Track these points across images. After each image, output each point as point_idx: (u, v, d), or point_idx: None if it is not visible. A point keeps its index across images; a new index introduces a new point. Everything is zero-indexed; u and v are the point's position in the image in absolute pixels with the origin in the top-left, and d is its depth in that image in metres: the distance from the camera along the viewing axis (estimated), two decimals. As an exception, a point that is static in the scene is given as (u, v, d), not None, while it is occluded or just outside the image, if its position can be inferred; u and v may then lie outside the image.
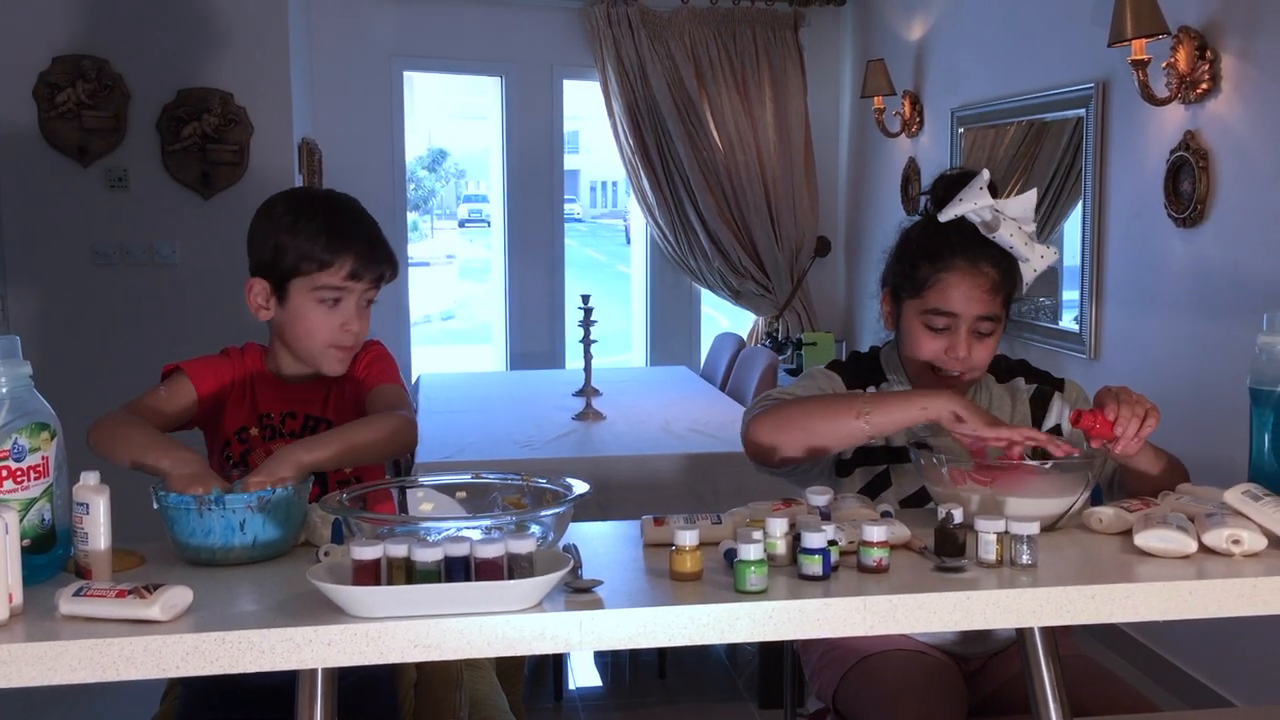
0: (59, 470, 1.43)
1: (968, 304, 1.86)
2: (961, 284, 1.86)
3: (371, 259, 1.93)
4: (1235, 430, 1.76)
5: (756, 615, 1.32)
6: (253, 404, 1.99)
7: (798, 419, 1.81)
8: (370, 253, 1.94)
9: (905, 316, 1.94)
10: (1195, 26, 3.26)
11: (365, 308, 1.96)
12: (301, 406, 1.97)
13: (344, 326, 1.92)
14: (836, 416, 1.77)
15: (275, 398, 1.98)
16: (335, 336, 1.93)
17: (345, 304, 1.92)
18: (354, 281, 1.92)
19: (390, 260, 1.98)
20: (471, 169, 24.65)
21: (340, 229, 1.94)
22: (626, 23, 5.70)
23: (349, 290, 1.92)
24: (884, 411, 1.74)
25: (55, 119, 4.31)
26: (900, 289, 1.94)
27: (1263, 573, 1.43)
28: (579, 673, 3.71)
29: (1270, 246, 3.07)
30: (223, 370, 2.00)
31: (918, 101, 5.29)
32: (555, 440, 3.79)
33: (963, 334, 1.87)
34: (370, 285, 1.95)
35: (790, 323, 6.05)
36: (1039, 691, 1.58)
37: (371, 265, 1.93)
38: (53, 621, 1.27)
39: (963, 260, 1.86)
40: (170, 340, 4.38)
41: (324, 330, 1.92)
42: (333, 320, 1.92)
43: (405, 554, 1.29)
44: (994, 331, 1.90)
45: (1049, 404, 2.02)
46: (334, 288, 1.91)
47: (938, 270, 1.87)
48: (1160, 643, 3.57)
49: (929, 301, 1.88)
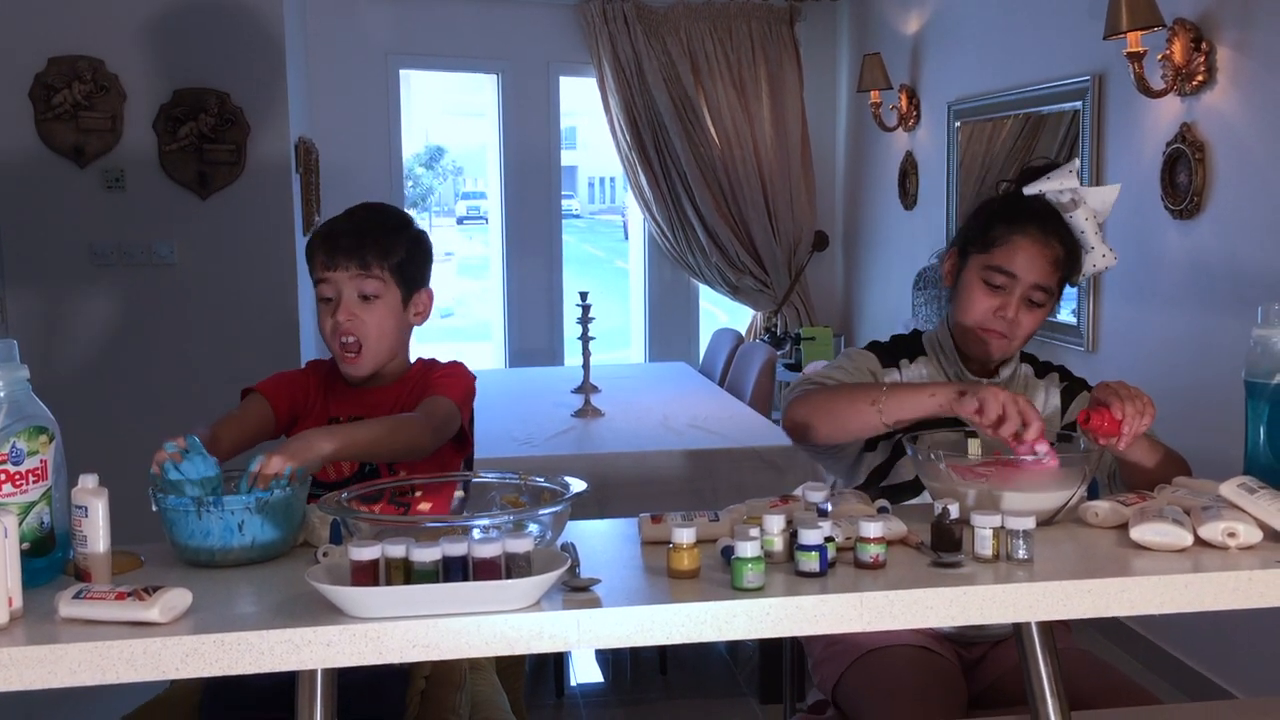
0: (58, 473, 1.43)
1: (1029, 269, 1.93)
2: (1030, 249, 1.93)
3: (344, 244, 1.95)
4: (1232, 423, 1.77)
5: (754, 612, 1.32)
6: (325, 409, 2.03)
7: (825, 406, 1.87)
8: (344, 238, 1.96)
9: (967, 271, 2.00)
10: (1190, 19, 3.26)
11: (365, 301, 1.96)
12: (370, 410, 1.98)
13: (337, 317, 1.95)
14: (855, 406, 1.82)
15: (346, 402, 2.02)
16: (334, 327, 1.97)
17: (339, 297, 1.96)
18: (331, 271, 1.95)
19: (376, 245, 1.97)
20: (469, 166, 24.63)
21: (331, 223, 1.99)
22: (622, 19, 5.69)
23: (332, 281, 1.96)
24: (897, 401, 1.78)
25: (52, 120, 4.31)
26: (970, 244, 2.00)
27: (1258, 565, 1.43)
28: (580, 669, 3.72)
29: (1267, 238, 3.07)
30: (296, 383, 2.06)
31: (914, 95, 5.29)
32: (554, 437, 3.79)
33: (1016, 296, 1.94)
34: (356, 272, 1.95)
35: (789, 317, 6.05)
36: (1037, 686, 1.59)
37: (345, 250, 1.95)
38: (52, 624, 1.27)
39: (1035, 228, 1.93)
40: (169, 341, 4.39)
41: (326, 325, 1.98)
42: (329, 314, 1.97)
43: (403, 554, 1.30)
44: (1044, 304, 1.97)
45: (1075, 398, 2.07)
46: (319, 280, 1.97)
47: (1011, 231, 1.94)
48: (1160, 635, 3.58)
49: (994, 258, 1.94)
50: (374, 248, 1.97)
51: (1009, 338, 1.97)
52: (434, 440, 1.86)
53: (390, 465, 1.96)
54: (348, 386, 2.04)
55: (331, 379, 2.07)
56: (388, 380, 2.04)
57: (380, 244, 1.98)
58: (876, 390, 1.81)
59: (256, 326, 4.43)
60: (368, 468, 1.97)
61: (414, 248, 2.04)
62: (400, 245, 2.01)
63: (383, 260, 1.97)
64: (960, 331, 2.02)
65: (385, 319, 1.99)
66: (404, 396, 2.02)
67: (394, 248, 2.00)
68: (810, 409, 1.88)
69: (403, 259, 2.00)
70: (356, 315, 1.96)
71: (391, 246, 1.99)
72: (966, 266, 2.00)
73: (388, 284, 1.98)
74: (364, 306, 1.97)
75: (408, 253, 2.02)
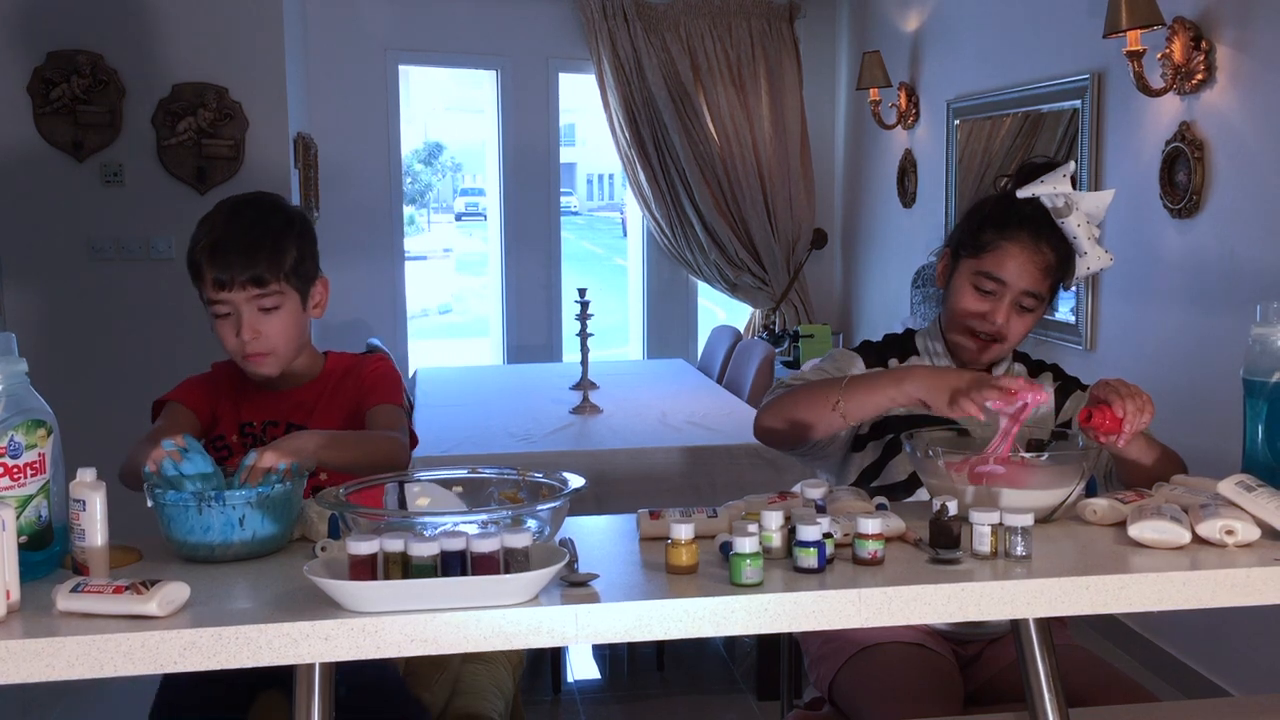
0: (55, 467, 1.43)
1: (1019, 275, 1.93)
2: (1019, 256, 1.92)
3: (233, 262, 1.84)
4: (1230, 421, 1.77)
5: (752, 608, 1.32)
6: (236, 413, 1.98)
7: (788, 411, 1.88)
8: (232, 256, 1.85)
9: (958, 275, 2.00)
10: (1190, 17, 3.26)
11: (266, 314, 1.88)
12: (290, 412, 1.96)
13: (241, 335, 1.88)
14: (816, 407, 1.84)
15: (260, 406, 1.97)
16: (238, 345, 1.89)
17: (237, 315, 1.88)
18: (226, 292, 1.86)
19: (268, 258, 1.87)
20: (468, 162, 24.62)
21: (213, 238, 1.88)
22: (622, 15, 5.69)
23: (228, 302, 1.87)
24: (857, 399, 1.80)
25: (50, 114, 4.30)
26: (962, 247, 2.00)
27: (1256, 563, 1.43)
28: (577, 665, 3.72)
29: (1265, 237, 3.07)
30: (206, 385, 2.00)
31: (913, 93, 5.29)
32: (553, 434, 3.79)
33: (1006, 302, 1.94)
34: (252, 293, 1.86)
35: (787, 315, 6.05)
36: (1034, 682, 1.59)
37: (235, 268, 1.84)
38: (50, 618, 1.27)
39: (1026, 234, 1.93)
40: (167, 335, 4.38)
41: (230, 342, 1.90)
42: (231, 331, 1.89)
43: (401, 549, 1.30)
44: (1035, 309, 1.97)
45: (1069, 396, 2.07)
46: (212, 300, 1.88)
47: (1001, 237, 1.94)
48: (1157, 633, 3.58)
49: (984, 264, 1.94)
50: (266, 260, 1.87)
51: (999, 341, 1.97)
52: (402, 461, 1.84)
53: None
54: (258, 389, 1.98)
55: (239, 383, 2.00)
56: (300, 380, 1.99)
57: (272, 254, 1.88)
58: (836, 390, 1.81)
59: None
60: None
61: (302, 243, 1.94)
62: (291, 246, 1.91)
63: (276, 271, 1.88)
64: (951, 332, 2.03)
65: (289, 325, 1.91)
66: (326, 394, 1.98)
67: (285, 252, 1.90)
68: (777, 411, 1.89)
69: (295, 260, 1.91)
70: (260, 331, 1.89)
71: (283, 252, 1.89)
72: (958, 269, 2.00)
73: (286, 292, 1.90)
74: (265, 319, 1.89)
75: (299, 251, 1.92)
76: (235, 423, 1.97)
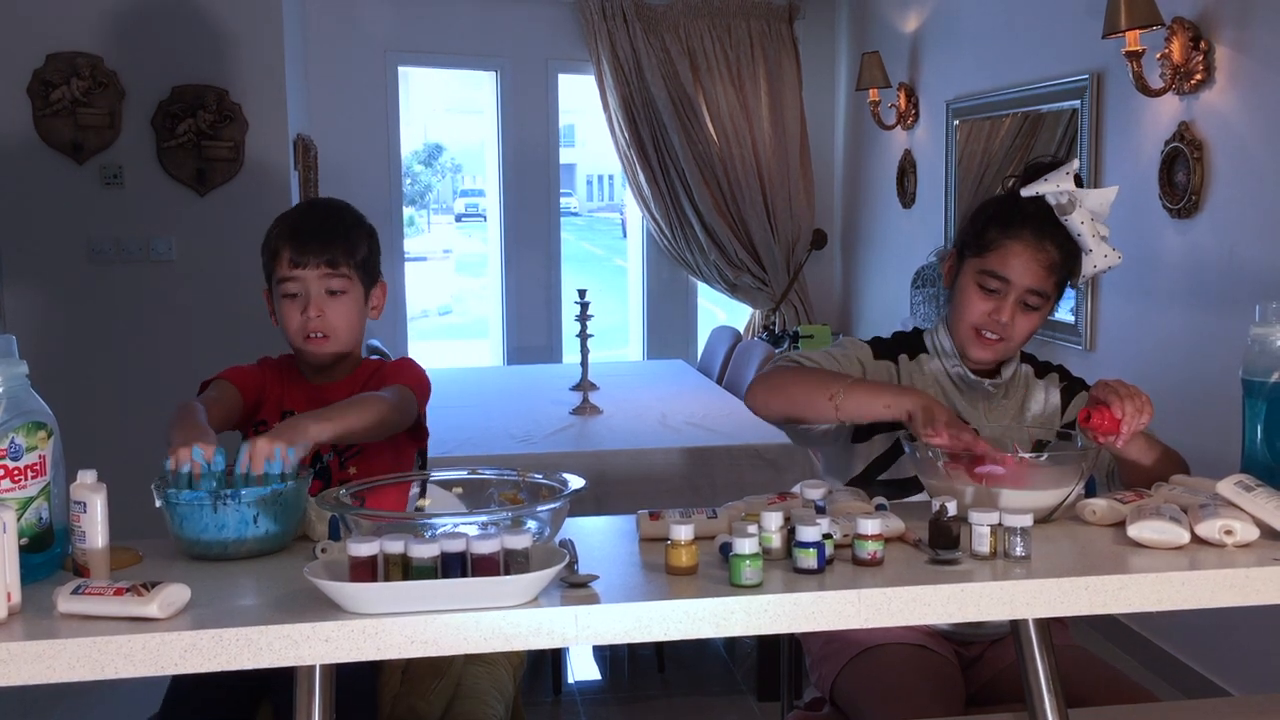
0: (56, 469, 1.43)
1: (1023, 274, 1.93)
2: (1023, 254, 1.93)
3: (311, 243, 1.97)
4: (1229, 421, 1.77)
5: (752, 609, 1.33)
6: (280, 403, 2.05)
7: (785, 388, 1.88)
8: (311, 238, 1.98)
9: (963, 274, 2.00)
10: (1189, 17, 3.26)
11: (332, 297, 1.99)
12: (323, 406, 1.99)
13: (306, 313, 1.98)
14: (813, 394, 1.84)
15: (302, 398, 2.04)
16: (303, 326, 1.99)
17: (306, 294, 1.99)
18: (299, 269, 1.98)
19: (343, 244, 2.00)
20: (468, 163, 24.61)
21: (292, 222, 2.02)
22: (621, 16, 5.69)
23: (299, 279, 1.98)
24: (855, 399, 1.80)
25: (50, 116, 4.30)
26: (966, 247, 2.00)
27: (1255, 563, 1.43)
28: (578, 666, 3.72)
29: (1264, 237, 3.07)
30: (255, 373, 2.08)
31: (913, 94, 5.29)
32: (553, 435, 3.79)
33: (1011, 301, 1.94)
34: (324, 271, 1.98)
35: (787, 316, 6.05)
36: (1034, 683, 1.59)
37: (312, 249, 1.97)
38: (51, 620, 1.27)
39: (1030, 233, 1.93)
40: (168, 337, 4.39)
41: (294, 322, 2.01)
42: (297, 311, 1.99)
43: (402, 550, 1.30)
44: (1040, 307, 1.97)
45: (1074, 397, 2.07)
46: (284, 278, 1.99)
47: (1005, 236, 1.94)
48: (1157, 633, 3.58)
49: (989, 263, 1.95)
50: (341, 245, 2.01)
51: (1005, 340, 1.97)
52: (402, 420, 1.92)
53: (342, 460, 2.01)
54: (301, 382, 2.07)
55: (285, 374, 2.09)
56: (339, 376, 2.07)
57: (346, 241, 2.02)
58: (839, 385, 1.81)
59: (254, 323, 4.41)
60: (319, 463, 2.00)
61: (372, 242, 2.09)
62: (363, 242, 2.06)
63: (349, 258, 2.02)
64: (957, 332, 2.03)
65: (351, 313, 2.03)
66: (355, 392, 2.02)
67: (358, 245, 2.04)
68: (772, 385, 1.90)
69: (365, 255, 2.05)
70: (325, 312, 1.99)
71: (356, 244, 2.04)
72: (963, 269, 2.01)
73: (353, 280, 2.03)
74: (331, 302, 2.00)
75: (369, 249, 2.07)
76: (279, 410, 2.04)
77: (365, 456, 2.02)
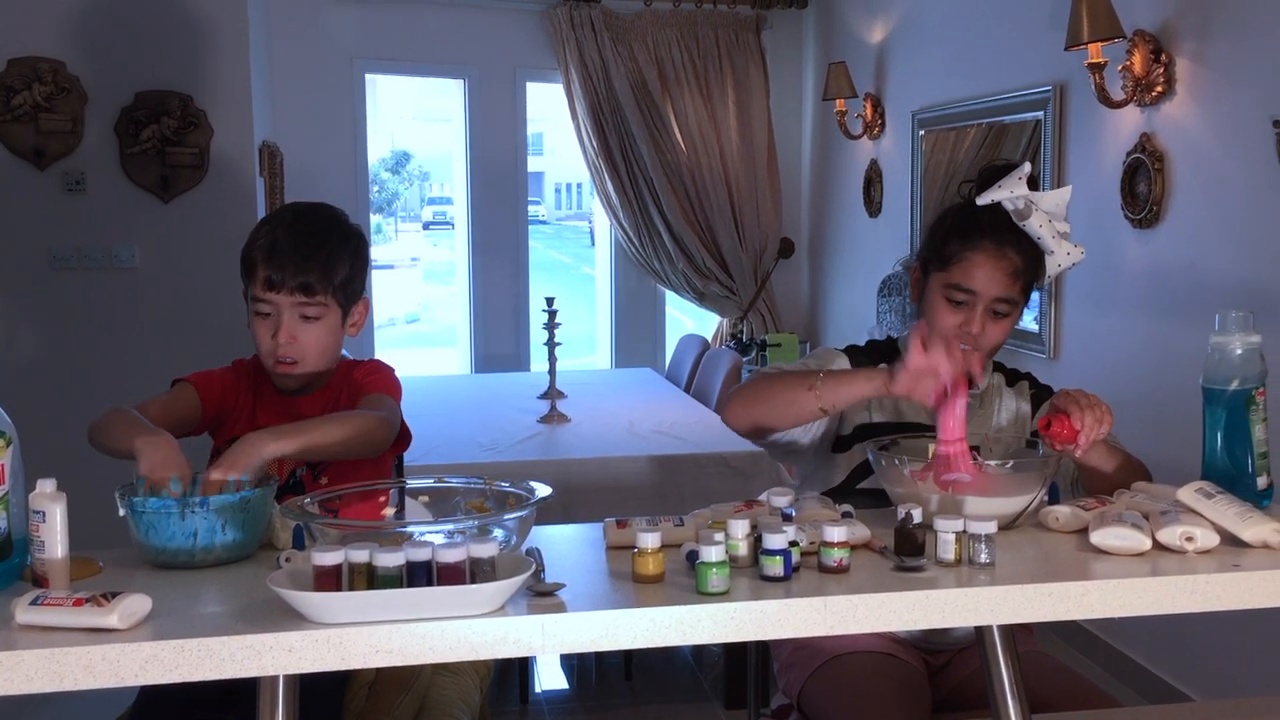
0: (15, 478, 1.41)
1: (988, 284, 1.94)
2: (985, 264, 1.93)
3: (287, 266, 1.89)
4: (1190, 429, 1.79)
5: (718, 616, 1.33)
6: (252, 415, 2.00)
7: (764, 391, 1.88)
8: (287, 260, 1.90)
9: (930, 289, 2.01)
10: (1150, 30, 3.30)
11: (305, 322, 1.92)
12: (297, 418, 1.95)
13: (276, 337, 1.92)
14: (793, 388, 1.83)
15: (274, 409, 1.99)
16: (272, 350, 1.93)
17: (278, 317, 1.92)
18: (274, 293, 1.91)
19: (321, 269, 1.91)
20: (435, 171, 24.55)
21: (272, 239, 1.93)
22: (589, 25, 5.70)
23: (272, 303, 1.91)
24: (833, 387, 1.79)
25: (11, 122, 4.25)
26: (930, 262, 2.01)
27: (1215, 569, 1.45)
28: (545, 675, 3.71)
29: (1224, 247, 3.11)
30: (226, 381, 2.03)
31: (879, 104, 5.32)
32: (520, 443, 3.78)
33: (979, 312, 1.95)
34: (298, 300, 1.91)
35: (754, 324, 6.07)
36: (998, 689, 1.60)
37: (288, 272, 1.89)
38: (9, 631, 1.25)
39: (990, 242, 1.94)
40: (129, 345, 4.34)
41: (264, 344, 1.94)
42: (268, 332, 1.93)
43: (367, 559, 1.29)
44: (1010, 314, 1.98)
45: (1043, 404, 2.08)
46: (257, 299, 1.93)
47: (965, 248, 1.95)
48: (1119, 639, 3.61)
49: (953, 276, 1.95)
50: (318, 270, 1.92)
51: (978, 350, 1.97)
52: (391, 435, 1.87)
53: (314, 470, 1.97)
54: (275, 393, 2.01)
55: (258, 383, 2.03)
56: (313, 389, 2.01)
57: (325, 266, 1.93)
58: (814, 376, 1.81)
59: (218, 331, 4.38)
60: (292, 478, 1.96)
61: (355, 260, 1.99)
62: (344, 262, 1.96)
63: (326, 284, 1.93)
64: None
65: (324, 337, 1.95)
66: (329, 402, 2.00)
67: (338, 267, 1.95)
68: (748, 395, 1.89)
69: (346, 276, 1.96)
70: (296, 338, 1.93)
71: (335, 266, 1.94)
72: (929, 284, 2.01)
73: (329, 306, 1.95)
74: (304, 327, 1.93)
75: (351, 269, 1.97)
76: (250, 423, 1.97)
77: (340, 465, 1.95)
